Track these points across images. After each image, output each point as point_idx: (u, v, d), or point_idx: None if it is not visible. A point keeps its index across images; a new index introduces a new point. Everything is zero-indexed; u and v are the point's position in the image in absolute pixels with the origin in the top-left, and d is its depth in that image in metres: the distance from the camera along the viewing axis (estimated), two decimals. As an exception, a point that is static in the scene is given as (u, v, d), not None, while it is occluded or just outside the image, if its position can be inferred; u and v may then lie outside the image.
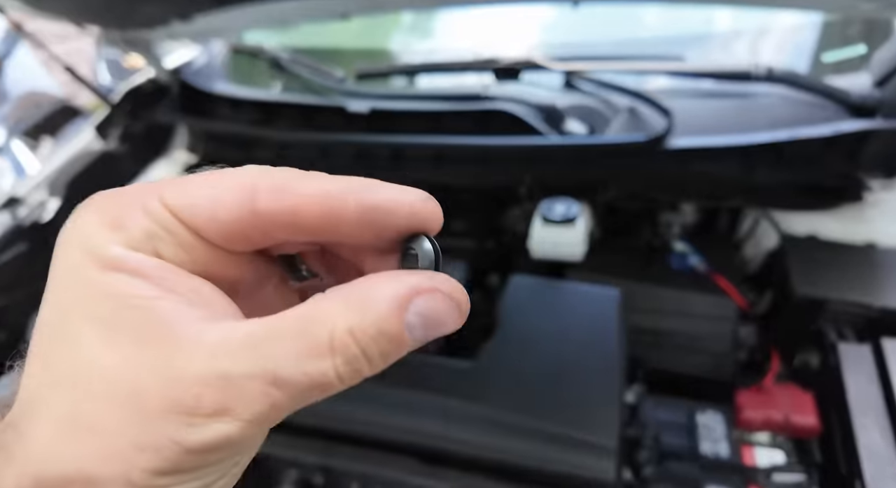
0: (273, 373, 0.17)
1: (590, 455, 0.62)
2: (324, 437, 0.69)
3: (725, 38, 1.67)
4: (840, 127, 0.87)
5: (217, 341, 0.17)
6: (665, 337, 0.87)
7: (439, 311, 0.19)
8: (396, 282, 0.18)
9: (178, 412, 0.17)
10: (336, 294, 0.18)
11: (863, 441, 0.67)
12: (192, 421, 0.17)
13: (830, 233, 0.90)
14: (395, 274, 0.19)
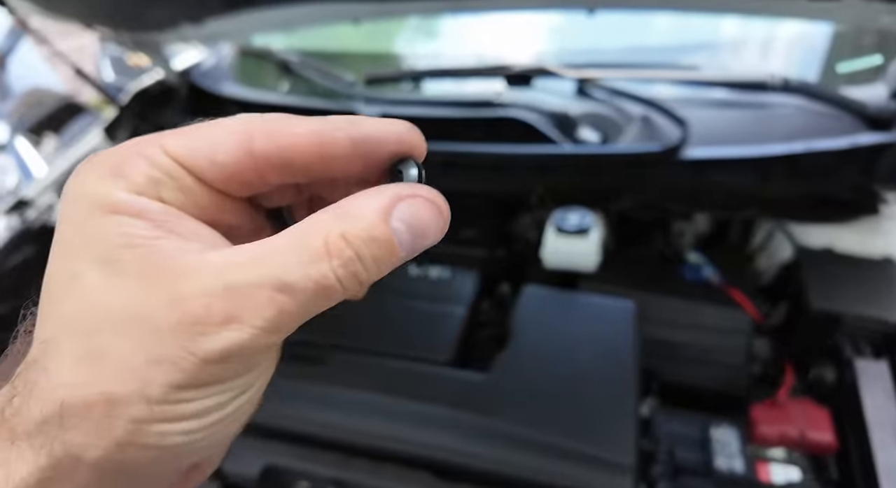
0: (278, 279, 0.18)
1: (606, 472, 0.61)
2: (337, 450, 0.68)
3: (735, 46, 1.66)
4: (857, 139, 0.86)
5: (221, 260, 0.18)
6: (678, 349, 0.86)
7: (422, 215, 0.20)
8: (380, 193, 0.20)
9: (189, 324, 0.17)
10: (326, 209, 0.19)
11: (881, 459, 0.66)
12: (203, 330, 0.17)
13: (846, 245, 0.90)
14: (380, 188, 0.20)
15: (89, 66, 3.07)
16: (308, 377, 0.75)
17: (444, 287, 0.89)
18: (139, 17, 1.00)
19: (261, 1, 0.90)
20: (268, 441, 0.71)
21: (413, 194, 0.20)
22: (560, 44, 1.67)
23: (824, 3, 0.77)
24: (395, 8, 0.96)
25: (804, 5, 0.78)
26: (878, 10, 0.77)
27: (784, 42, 1.60)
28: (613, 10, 0.88)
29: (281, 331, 0.18)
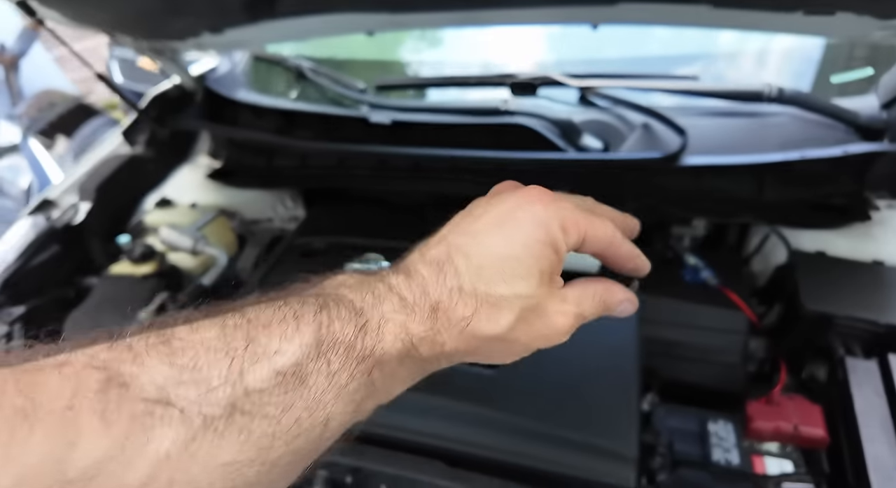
0: (585, 316, 0.38)
1: (611, 462, 0.65)
2: (355, 440, 0.71)
3: (732, 56, 1.71)
4: (848, 148, 0.90)
5: (574, 298, 0.37)
6: (677, 348, 0.90)
7: (630, 310, 0.41)
8: (626, 292, 0.41)
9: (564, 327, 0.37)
10: (605, 283, 0.40)
11: (870, 452, 0.70)
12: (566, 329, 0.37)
13: (838, 250, 0.94)
14: (628, 293, 0.41)
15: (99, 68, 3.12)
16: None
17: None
18: (161, 26, 1.04)
19: (279, 12, 0.95)
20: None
21: (632, 302, 0.41)
22: (563, 54, 1.72)
23: (819, 17, 0.81)
24: (408, 20, 1.00)
25: (799, 19, 0.82)
26: (871, 24, 0.81)
27: (779, 53, 1.64)
28: (616, 25, 0.92)
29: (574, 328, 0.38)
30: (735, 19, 0.84)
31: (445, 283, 0.33)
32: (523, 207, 0.35)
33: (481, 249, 0.34)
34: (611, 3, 0.82)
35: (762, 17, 0.82)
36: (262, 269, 1.04)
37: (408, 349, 0.32)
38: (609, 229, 0.37)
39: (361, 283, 0.33)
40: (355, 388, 0.29)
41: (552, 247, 0.34)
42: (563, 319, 0.36)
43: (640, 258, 0.40)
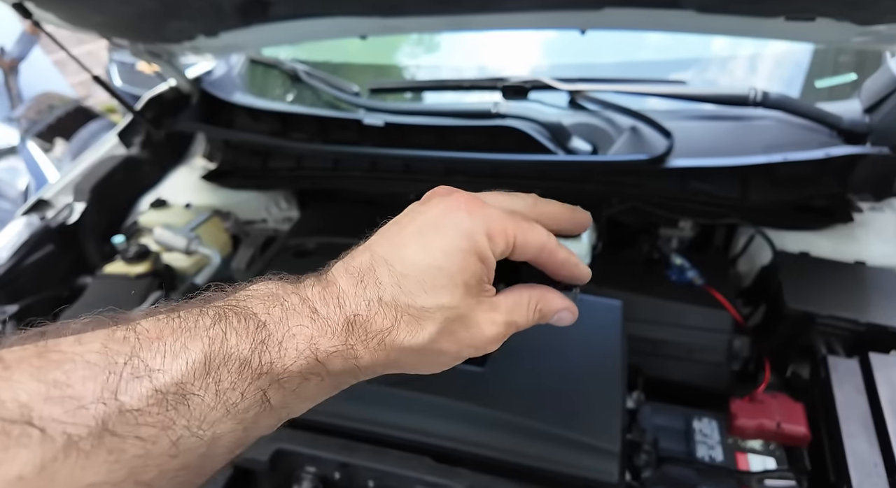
0: (518, 324, 0.37)
1: (594, 458, 0.66)
2: (343, 437, 0.73)
3: (723, 61, 1.73)
4: (831, 151, 0.92)
5: (505, 307, 0.36)
6: (663, 346, 0.91)
7: (569, 320, 0.41)
8: (564, 299, 0.40)
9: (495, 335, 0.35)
10: (542, 290, 0.39)
11: (850, 449, 0.71)
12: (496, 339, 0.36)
13: (821, 251, 0.95)
14: (564, 296, 0.40)
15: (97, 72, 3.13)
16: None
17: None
18: (157, 30, 1.06)
19: (274, 16, 0.96)
20: (278, 428, 0.76)
21: (573, 312, 0.40)
22: (558, 58, 1.74)
23: (800, 23, 0.83)
24: (399, 24, 1.02)
25: (781, 25, 0.84)
26: (850, 30, 0.83)
27: (769, 59, 1.67)
28: (603, 30, 0.94)
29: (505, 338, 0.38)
30: (719, 25, 0.85)
31: (364, 295, 0.32)
32: (448, 215, 0.34)
33: (404, 259, 0.33)
34: (597, 7, 0.84)
35: (745, 22, 0.84)
36: (256, 270, 1.05)
37: (313, 365, 0.30)
38: (540, 236, 0.36)
39: (273, 295, 0.31)
40: (247, 407, 0.28)
41: (477, 256, 0.33)
42: (492, 329, 0.35)
43: (578, 266, 0.39)
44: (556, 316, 0.39)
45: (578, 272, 0.39)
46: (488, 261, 0.34)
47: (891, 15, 0.74)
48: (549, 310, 0.38)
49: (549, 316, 0.39)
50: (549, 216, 0.40)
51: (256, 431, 0.30)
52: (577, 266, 0.39)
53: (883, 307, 0.83)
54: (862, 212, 0.97)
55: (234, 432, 0.28)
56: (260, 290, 0.32)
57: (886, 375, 0.76)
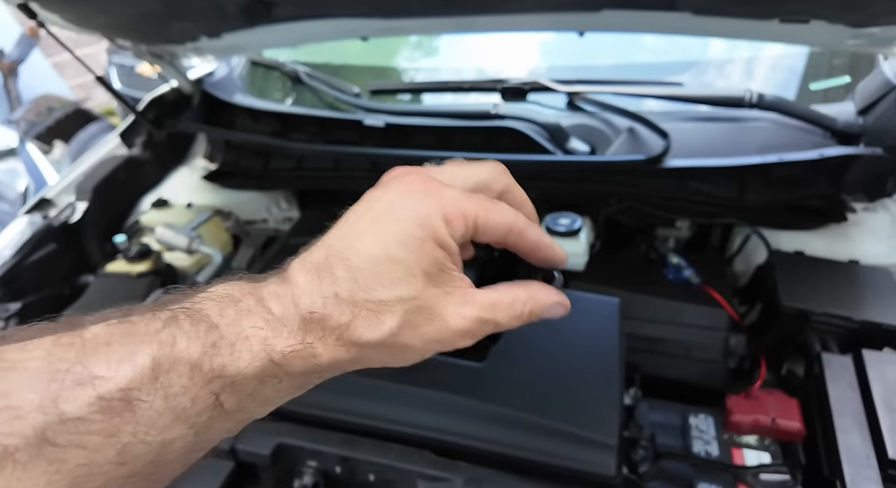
0: (497, 323, 0.34)
1: (592, 451, 0.67)
2: (345, 431, 0.73)
3: (721, 63, 1.75)
4: (825, 152, 0.94)
5: (481, 301, 0.33)
6: (660, 344, 0.92)
7: (561, 313, 0.37)
8: (553, 293, 0.36)
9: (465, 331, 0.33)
10: (529, 289, 0.35)
11: (843, 444, 0.72)
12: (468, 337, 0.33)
13: (816, 250, 0.97)
14: (552, 290, 0.37)
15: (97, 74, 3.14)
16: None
17: (443, 285, 0.95)
18: (160, 31, 1.07)
19: (276, 18, 0.97)
20: (279, 423, 0.77)
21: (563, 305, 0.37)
22: (559, 61, 1.76)
23: (794, 25, 0.85)
24: (401, 26, 1.03)
25: (776, 27, 0.86)
26: (844, 33, 0.84)
27: (766, 62, 1.69)
28: (601, 32, 0.95)
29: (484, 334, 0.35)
30: (715, 27, 0.87)
31: (321, 291, 0.30)
32: (401, 200, 0.32)
33: (359, 252, 0.31)
34: (595, 10, 0.86)
35: (740, 24, 0.85)
36: (256, 269, 1.06)
37: (269, 367, 0.29)
38: (505, 216, 0.33)
39: (228, 296, 0.30)
40: (198, 411, 0.27)
41: (434, 242, 0.31)
42: (459, 322, 0.32)
43: (552, 248, 0.36)
44: (549, 312, 0.36)
45: (553, 254, 0.36)
46: (448, 246, 0.31)
47: (884, 18, 0.75)
48: (538, 309, 0.35)
49: (540, 314, 0.36)
50: (516, 194, 0.37)
51: (211, 435, 0.29)
52: (552, 247, 0.36)
53: (876, 305, 0.84)
54: (856, 212, 0.99)
55: (184, 437, 0.27)
56: (216, 292, 0.31)
57: (879, 371, 0.77)
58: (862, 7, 0.74)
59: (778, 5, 0.78)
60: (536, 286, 0.36)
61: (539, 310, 0.35)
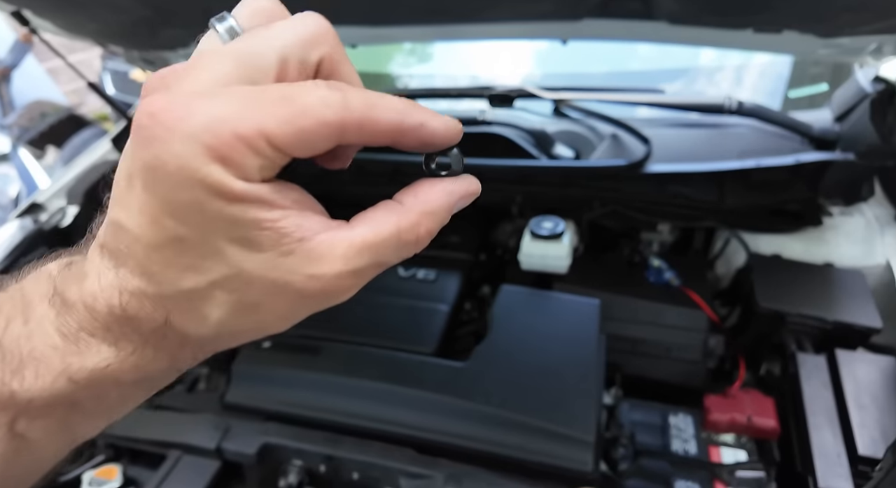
0: (382, 264, 0.25)
1: (570, 447, 0.69)
2: (329, 430, 0.75)
3: (709, 71, 1.79)
4: (801, 158, 0.96)
5: (343, 251, 0.23)
6: (641, 345, 0.94)
7: (469, 201, 0.27)
8: (450, 193, 0.26)
9: (326, 294, 0.24)
10: (415, 205, 0.25)
11: (816, 441, 0.74)
12: (335, 297, 0.25)
13: (793, 253, 0.99)
14: (448, 185, 0.26)
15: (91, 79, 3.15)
16: (304, 366, 0.82)
17: (429, 287, 0.96)
18: (152, 37, 1.09)
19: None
20: (265, 423, 0.78)
21: (470, 193, 0.27)
22: (548, 68, 1.79)
23: (767, 35, 0.88)
24: (388, 34, 1.05)
25: (750, 37, 0.89)
26: (815, 43, 0.87)
27: (753, 70, 1.73)
28: (583, 40, 0.98)
29: None
30: (691, 36, 0.89)
31: (118, 283, 0.23)
32: (142, 155, 0.21)
33: (137, 236, 0.22)
34: (576, 19, 0.88)
35: (716, 34, 0.88)
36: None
37: (76, 390, 0.24)
38: (326, 107, 0.21)
39: (22, 299, 0.24)
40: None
41: (220, 199, 0.21)
42: (317, 285, 0.23)
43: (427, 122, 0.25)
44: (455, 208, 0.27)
45: (431, 131, 0.25)
46: (247, 194, 0.21)
47: (849, 28, 0.78)
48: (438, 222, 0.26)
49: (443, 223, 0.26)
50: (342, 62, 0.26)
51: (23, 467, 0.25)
52: (425, 123, 0.25)
53: (848, 306, 0.87)
54: (832, 215, 1.01)
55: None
56: (14, 292, 0.25)
57: (851, 370, 0.79)
58: (829, 18, 0.77)
59: (750, 16, 0.81)
60: (424, 192, 0.26)
61: (440, 222, 0.26)
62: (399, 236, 0.24)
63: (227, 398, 0.81)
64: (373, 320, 0.90)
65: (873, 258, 0.95)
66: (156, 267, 0.22)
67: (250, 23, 0.24)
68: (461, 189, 0.26)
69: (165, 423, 0.80)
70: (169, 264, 0.22)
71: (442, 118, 0.25)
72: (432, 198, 0.26)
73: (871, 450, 0.70)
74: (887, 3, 0.70)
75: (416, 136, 0.24)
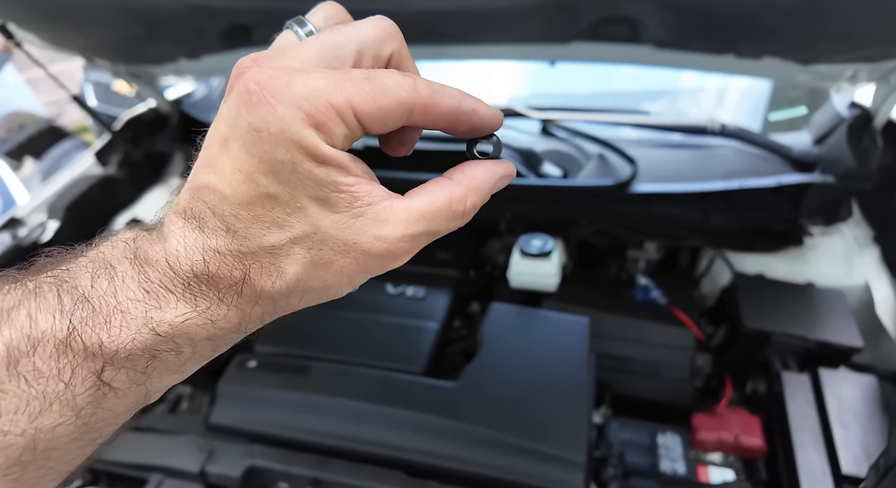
0: (434, 232, 0.29)
1: (561, 469, 0.68)
2: (317, 453, 0.73)
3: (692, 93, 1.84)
4: (782, 179, 0.98)
5: (405, 214, 0.27)
6: (629, 363, 0.95)
7: (506, 183, 0.31)
8: (492, 172, 0.30)
9: (389, 255, 0.28)
10: (463, 180, 0.29)
11: (801, 460, 0.75)
12: (395, 260, 0.28)
13: (776, 272, 1.01)
14: (490, 167, 0.30)
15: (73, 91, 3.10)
16: (291, 386, 0.80)
17: (419, 304, 0.96)
18: (140, 52, 1.08)
19: (256, 41, 0.99)
20: (250, 445, 0.76)
21: (508, 175, 0.31)
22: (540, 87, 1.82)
23: (748, 60, 0.90)
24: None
25: (732, 62, 0.91)
26: (794, 69, 0.90)
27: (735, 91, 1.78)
28: (571, 62, 0.99)
29: None
30: (676, 60, 0.92)
31: (199, 244, 0.25)
32: (246, 116, 0.24)
33: (225, 193, 0.25)
34: (564, 41, 0.90)
35: (699, 58, 0.91)
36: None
37: (158, 341, 0.25)
38: (399, 89, 0.26)
39: (103, 260, 0.26)
40: (78, 394, 0.24)
41: (311, 160, 0.24)
42: (381, 247, 0.27)
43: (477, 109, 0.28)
44: (495, 189, 0.31)
45: (481, 117, 0.29)
46: (332, 158, 0.25)
47: (827, 56, 0.81)
48: (483, 198, 0.30)
49: (486, 200, 0.30)
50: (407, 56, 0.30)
51: (105, 414, 0.26)
52: (476, 109, 0.28)
53: (831, 325, 0.88)
54: (812, 236, 1.03)
55: (66, 423, 0.24)
56: (92, 255, 0.26)
57: (834, 389, 0.80)
58: (807, 46, 0.80)
59: (732, 42, 0.83)
60: (471, 170, 0.30)
61: (483, 198, 0.30)
62: (450, 206, 0.28)
63: (212, 419, 0.80)
64: (361, 339, 0.89)
65: (852, 278, 0.97)
66: (241, 223, 0.25)
67: (323, 26, 0.29)
68: (501, 170, 0.30)
69: (146, 445, 0.78)
70: (255, 220, 0.25)
71: (489, 106, 0.30)
72: (479, 174, 0.30)
73: (855, 469, 0.70)
74: (862, 34, 0.72)
75: (469, 121, 0.28)
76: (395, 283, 1.00)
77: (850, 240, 1.02)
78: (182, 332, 0.26)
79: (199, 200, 0.26)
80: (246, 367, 0.84)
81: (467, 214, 0.29)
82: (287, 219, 0.25)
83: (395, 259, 0.28)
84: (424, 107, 0.26)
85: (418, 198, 0.28)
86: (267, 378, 0.83)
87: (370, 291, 0.98)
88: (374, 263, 0.28)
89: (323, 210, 0.26)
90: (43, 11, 0.88)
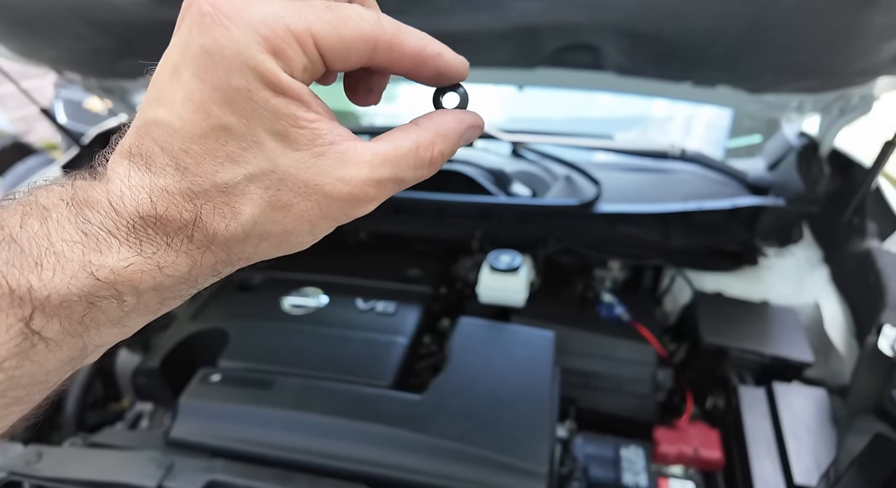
0: (401, 179, 0.27)
1: (523, 479, 0.69)
2: (279, 467, 0.72)
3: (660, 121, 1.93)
4: (738, 201, 1.03)
5: (370, 157, 0.26)
6: (594, 378, 0.96)
7: (476, 135, 0.30)
8: (461, 120, 0.29)
9: (353, 199, 0.26)
10: (430, 126, 0.28)
11: (757, 471, 0.77)
12: (359, 205, 0.26)
13: (734, 290, 1.05)
14: (460, 115, 0.29)
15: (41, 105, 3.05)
16: (255, 400, 0.79)
17: (388, 320, 0.96)
18: (111, 66, 1.08)
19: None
20: (211, 460, 0.74)
21: (476, 125, 0.30)
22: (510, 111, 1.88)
23: (704, 88, 0.96)
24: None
25: (689, 89, 0.97)
26: (745, 98, 0.96)
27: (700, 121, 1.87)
28: (537, 87, 1.04)
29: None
30: (636, 86, 0.97)
31: (145, 184, 0.23)
32: (199, 40, 0.22)
33: (174, 126, 0.23)
34: (530, 67, 0.94)
35: (658, 85, 0.96)
36: (198, 304, 1.04)
37: (97, 287, 0.23)
38: (363, 20, 0.24)
39: (35, 203, 0.24)
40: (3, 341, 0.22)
41: (268, 88, 0.23)
42: (345, 189, 0.25)
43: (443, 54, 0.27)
44: (463, 141, 0.30)
45: (447, 62, 0.28)
46: (290, 88, 0.23)
47: (773, 86, 0.87)
48: (451, 146, 0.29)
49: (453, 150, 0.29)
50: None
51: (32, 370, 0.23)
52: (442, 54, 0.27)
53: (784, 341, 0.92)
54: (767, 256, 1.08)
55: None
56: (23, 200, 0.24)
57: (788, 402, 0.83)
58: (754, 77, 0.85)
59: (687, 70, 0.89)
60: (439, 118, 0.28)
61: (451, 147, 0.28)
62: (417, 152, 0.27)
63: (172, 434, 0.78)
64: (328, 353, 0.89)
65: (804, 297, 1.02)
66: (191, 159, 0.23)
67: None
68: (470, 119, 0.29)
69: (102, 462, 0.75)
70: (207, 154, 0.23)
71: (454, 53, 0.28)
72: (447, 121, 0.28)
73: (806, 479, 0.73)
74: (800, 67, 0.78)
75: (434, 65, 0.27)
76: (365, 298, 1.01)
77: (801, 261, 1.07)
78: (125, 279, 0.23)
79: (146, 137, 0.24)
80: (209, 382, 0.83)
81: (435, 162, 0.28)
82: (242, 154, 0.23)
83: (360, 205, 0.26)
84: (389, 44, 0.25)
85: (383, 142, 0.27)
86: (230, 392, 0.81)
87: (340, 307, 0.98)
88: (336, 208, 0.26)
89: (281, 146, 0.24)
90: (9, 21, 0.88)
